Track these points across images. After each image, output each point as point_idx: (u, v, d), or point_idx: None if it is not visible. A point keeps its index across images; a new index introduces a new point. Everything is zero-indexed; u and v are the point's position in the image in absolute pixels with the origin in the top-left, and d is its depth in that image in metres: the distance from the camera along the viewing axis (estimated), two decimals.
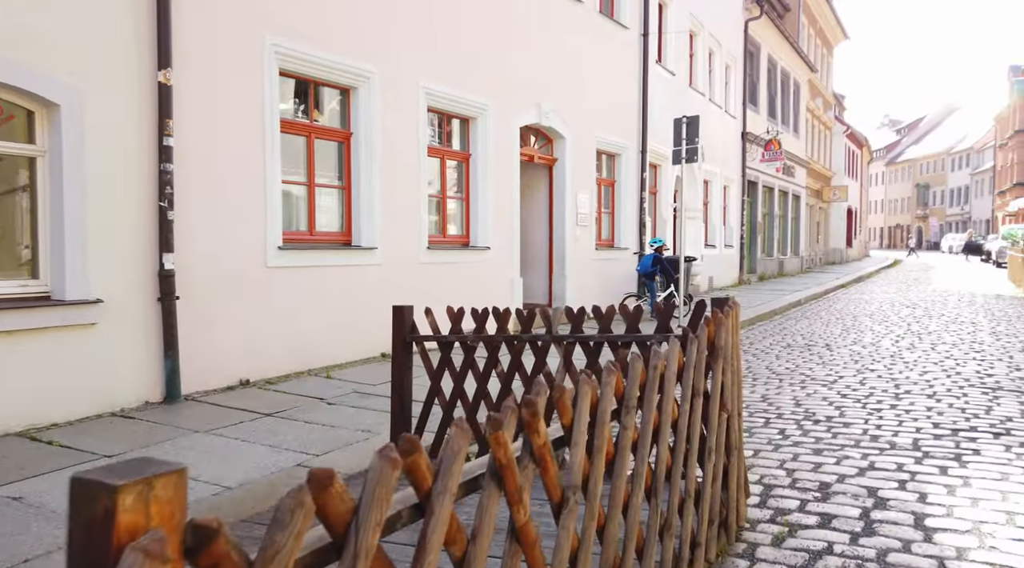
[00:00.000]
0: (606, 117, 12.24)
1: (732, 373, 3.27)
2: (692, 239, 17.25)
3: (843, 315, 13.08)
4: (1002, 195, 55.65)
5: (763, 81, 22.89)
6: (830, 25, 33.76)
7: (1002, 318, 11.99)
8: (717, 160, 18.61)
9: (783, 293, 17.39)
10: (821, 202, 35.56)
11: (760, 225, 23.26)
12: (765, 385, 6.79)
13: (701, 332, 2.89)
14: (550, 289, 11.36)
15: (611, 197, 13.09)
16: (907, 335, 10.08)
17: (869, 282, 23.40)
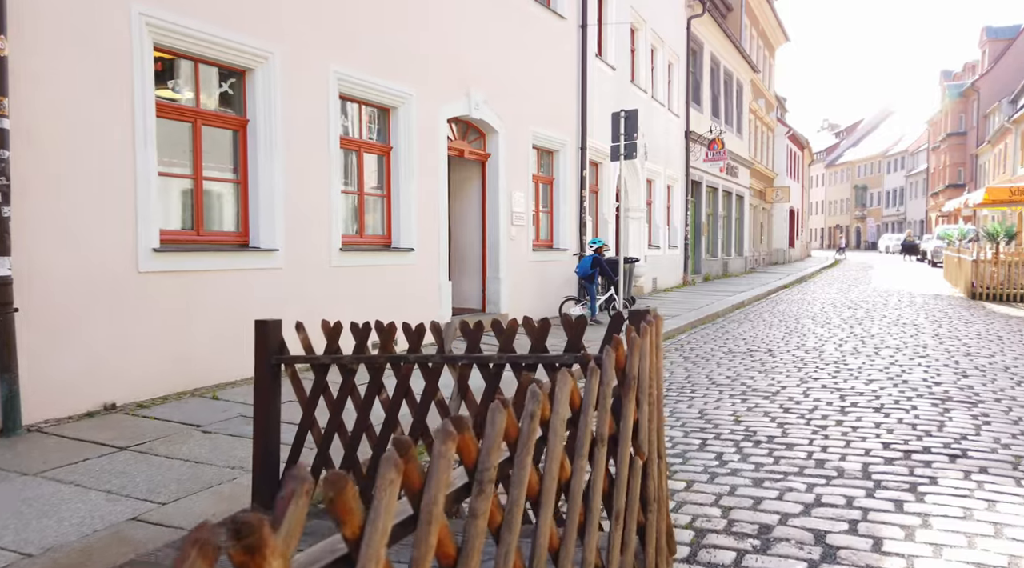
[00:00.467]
0: (543, 111, 11.64)
1: (651, 405, 2.64)
2: (635, 240, 16.84)
3: (786, 317, 12.79)
4: (935, 196, 57.55)
5: (706, 80, 22.72)
6: (771, 27, 34.06)
7: (942, 319, 11.85)
8: (660, 159, 18.26)
9: (727, 294, 17.13)
10: (764, 203, 35.87)
11: (704, 225, 23.09)
12: (704, 398, 6.25)
13: (606, 359, 2.24)
14: (483, 293, 10.69)
15: (549, 196, 12.50)
16: (850, 338, 9.75)
17: (811, 282, 23.48)
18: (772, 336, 10.26)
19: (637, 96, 16.33)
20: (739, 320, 12.65)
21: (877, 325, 11.18)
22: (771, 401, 6.02)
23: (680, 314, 12.95)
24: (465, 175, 10.75)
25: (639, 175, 16.64)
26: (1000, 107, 43.70)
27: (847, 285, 21.22)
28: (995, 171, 42.73)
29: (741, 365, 7.90)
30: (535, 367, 3.25)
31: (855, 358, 8.11)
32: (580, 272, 11.34)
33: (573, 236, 12.83)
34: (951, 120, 54.04)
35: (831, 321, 11.93)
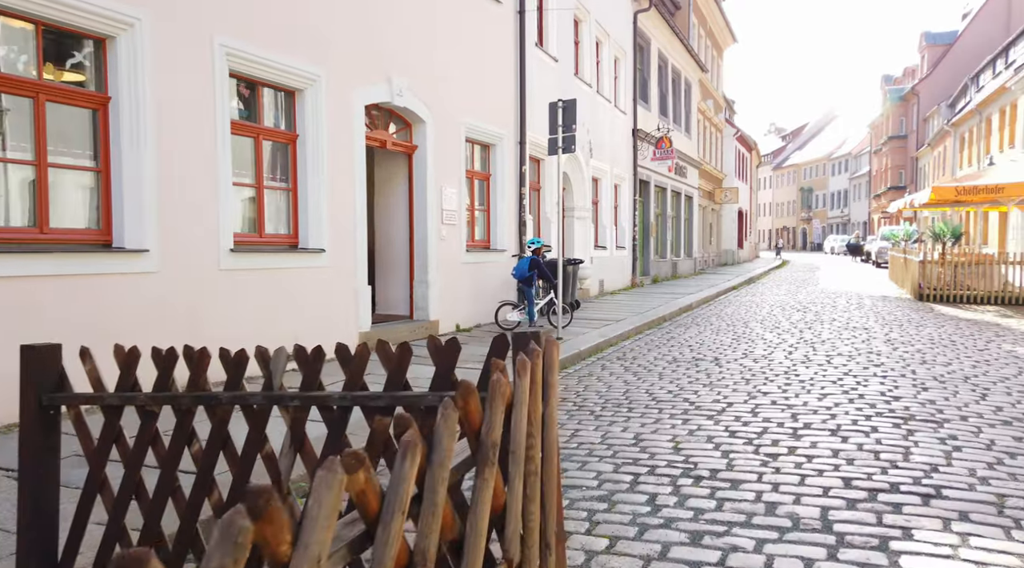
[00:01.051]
0: (477, 102, 10.80)
1: (531, 477, 1.81)
2: (581, 240, 16.15)
3: (734, 321, 12.23)
4: (877, 198, 58.83)
5: (654, 78, 22.24)
6: (719, 27, 33.97)
7: (893, 322, 11.44)
8: (607, 157, 17.62)
9: (675, 297, 16.58)
10: (713, 204, 35.79)
11: (653, 226, 22.60)
12: (642, 418, 5.49)
13: (441, 425, 1.41)
14: (411, 299, 9.78)
15: (486, 192, 11.67)
16: (800, 344, 9.18)
17: (760, 283, 23.23)
18: (719, 342, 9.63)
19: (581, 90, 15.64)
20: (686, 324, 12.04)
21: (827, 329, 10.68)
22: (716, 422, 5.29)
23: (625, 318, 12.27)
24: (390, 169, 9.84)
25: (584, 173, 15.96)
26: (939, 111, 44.73)
27: (795, 286, 20.98)
28: (935, 173, 43.69)
29: (685, 377, 7.19)
30: (391, 409, 2.39)
31: (806, 367, 7.49)
32: (517, 275, 10.53)
33: (512, 236, 12.02)
34: (892, 123, 55.29)
35: (780, 325, 11.40)
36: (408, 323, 9.46)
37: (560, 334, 9.69)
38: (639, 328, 11.34)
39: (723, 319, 12.60)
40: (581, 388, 6.86)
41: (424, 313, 9.69)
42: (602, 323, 11.49)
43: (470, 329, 10.55)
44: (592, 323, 11.45)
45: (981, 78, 36.66)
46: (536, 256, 10.57)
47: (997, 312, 13.10)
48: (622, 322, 11.71)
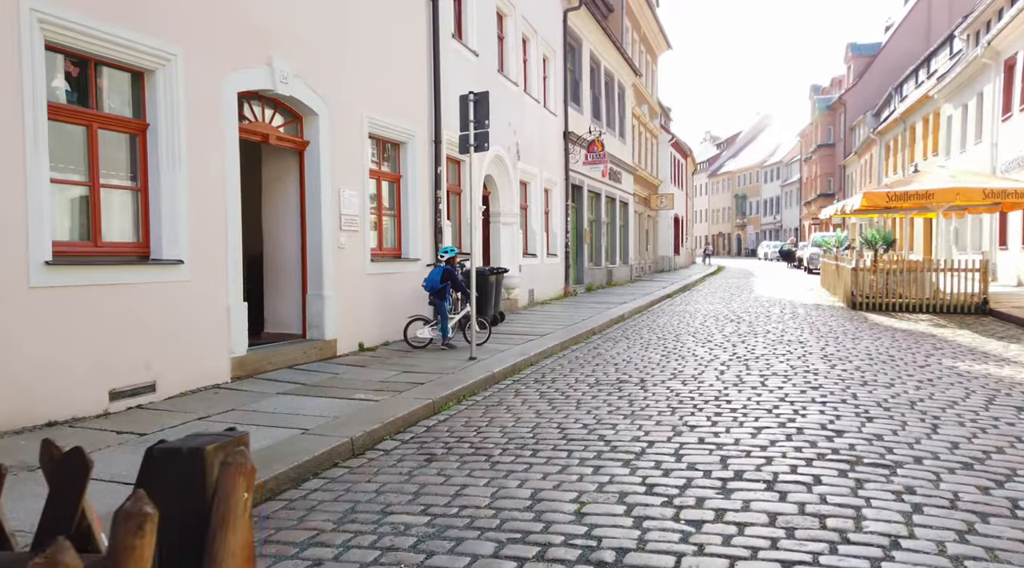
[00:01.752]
0: (383, 94, 9.73)
1: None
2: (508, 248, 15.22)
3: (665, 333, 11.49)
4: (808, 205, 60.21)
5: (586, 79, 21.58)
6: (653, 32, 33.78)
7: (828, 335, 10.88)
8: (536, 159, 16.77)
9: (608, 307, 15.83)
10: (649, 210, 35.54)
11: (587, 232, 21.91)
12: (546, 466, 4.54)
13: None
14: (304, 314, 8.62)
15: (396, 196, 10.59)
16: (733, 362, 8.44)
17: (695, 291, 22.82)
18: (648, 360, 8.81)
19: (507, 88, 14.75)
20: (616, 338, 11.23)
21: (761, 343, 10.01)
22: (632, 470, 4.38)
23: (551, 332, 11.38)
24: (279, 167, 8.66)
25: (511, 176, 15.05)
26: (865, 120, 45.92)
27: (729, 294, 20.58)
28: (862, 180, 44.77)
29: (605, 405, 6.29)
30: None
31: (739, 391, 6.70)
32: (428, 287, 9.49)
33: (427, 244, 10.97)
34: (821, 132, 56.68)
35: (713, 338, 10.70)
36: (299, 344, 8.30)
37: (475, 352, 8.69)
38: (565, 343, 10.45)
39: (654, 331, 11.85)
40: (485, 422, 5.87)
41: (319, 331, 8.53)
42: (525, 338, 10.56)
43: (375, 348, 9.45)
44: (514, 338, 10.50)
45: (904, 88, 37.64)
46: (450, 266, 9.56)
47: (930, 321, 12.78)
48: (547, 337, 10.81)
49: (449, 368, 8.02)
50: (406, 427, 5.77)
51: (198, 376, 6.64)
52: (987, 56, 21.65)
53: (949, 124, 27.25)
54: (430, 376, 7.52)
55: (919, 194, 14.03)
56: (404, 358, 8.75)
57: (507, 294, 14.96)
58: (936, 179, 14.53)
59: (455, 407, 6.51)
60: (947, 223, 25.97)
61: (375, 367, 8.11)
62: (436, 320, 9.58)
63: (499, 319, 12.46)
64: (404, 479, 4.41)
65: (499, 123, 14.25)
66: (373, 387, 6.96)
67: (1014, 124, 20.27)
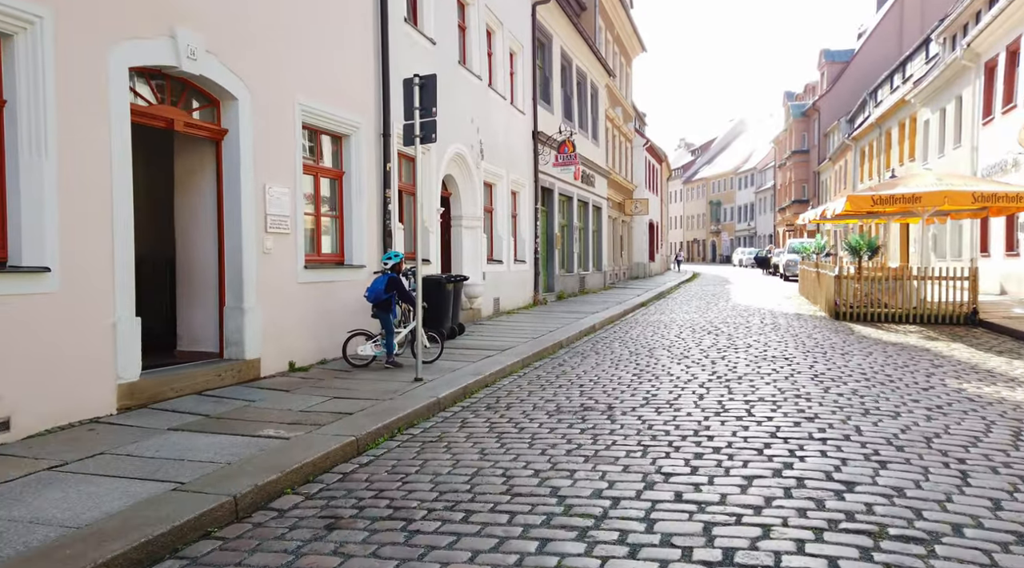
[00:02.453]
0: (321, 79, 8.62)
1: None
2: (471, 254, 14.15)
3: (638, 347, 10.49)
4: (782, 211, 60.02)
5: (556, 78, 20.62)
6: (627, 34, 33.03)
7: (814, 349, 9.96)
8: (501, 160, 15.74)
9: (578, 316, 14.82)
10: (624, 215, 34.74)
11: (558, 238, 20.92)
12: (476, 540, 3.47)
13: None
14: (221, 331, 7.45)
15: (338, 195, 9.46)
16: (713, 383, 7.45)
17: (670, 298, 21.94)
18: (618, 380, 7.79)
19: (469, 82, 13.70)
20: (585, 352, 10.20)
21: (743, 359, 9.05)
22: (589, 547, 3.32)
23: (514, 346, 10.32)
24: (192, 160, 7.50)
25: (474, 176, 13.99)
26: (839, 126, 45.71)
27: (705, 302, 19.71)
28: (836, 187, 44.49)
29: (564, 442, 5.24)
30: None
31: (722, 423, 5.69)
32: (371, 297, 8.37)
33: (374, 249, 9.85)
34: (795, 139, 56.52)
35: (689, 353, 9.73)
36: (214, 365, 7.12)
37: (422, 372, 7.59)
38: (527, 359, 9.40)
39: (627, 345, 10.85)
40: (416, 466, 4.78)
41: (238, 349, 7.36)
42: (483, 354, 9.49)
43: (308, 368, 8.29)
44: (470, 354, 9.43)
45: (879, 93, 37.36)
46: (394, 273, 8.45)
47: (920, 333, 11.95)
48: (508, 352, 9.75)
49: (389, 392, 6.92)
50: (317, 475, 4.66)
51: (71, 409, 5.46)
52: (966, 58, 21.13)
53: (926, 128, 26.79)
54: (363, 403, 6.41)
55: (905, 197, 13.24)
56: (340, 380, 7.62)
57: (469, 304, 13.89)
58: (922, 182, 13.77)
59: (385, 444, 5.42)
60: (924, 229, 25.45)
61: (301, 392, 6.97)
62: (381, 335, 8.47)
63: (457, 331, 11.38)
64: (286, 561, 3.31)
65: (461, 119, 13.21)
66: (290, 419, 5.83)
67: (996, 127, 19.72)
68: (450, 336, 11.08)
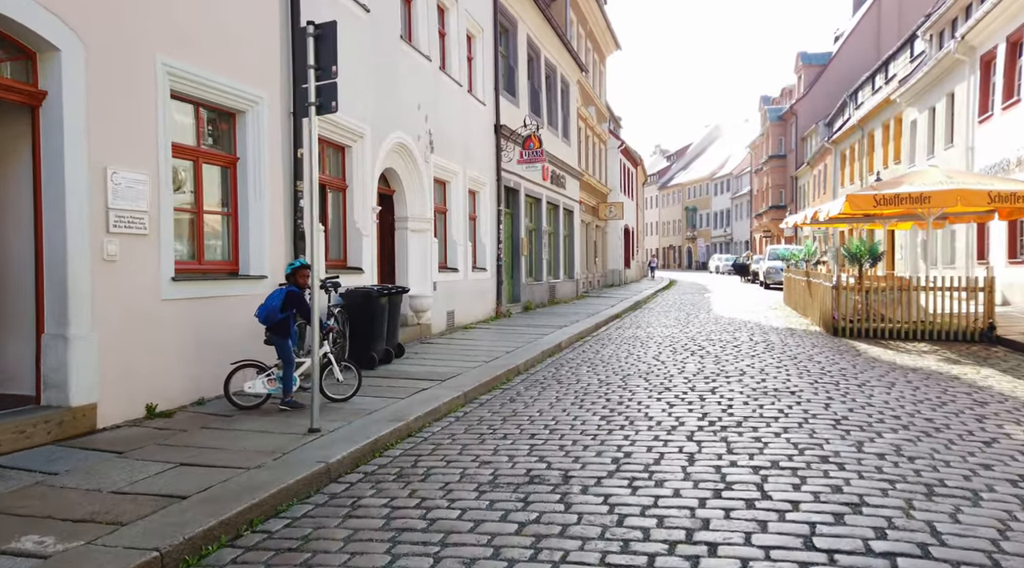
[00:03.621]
0: (200, 38, 6.68)
1: None
2: (419, 260, 12.25)
3: (610, 374, 8.67)
4: (759, 217, 58.93)
5: (523, 68, 18.83)
6: (601, 30, 31.42)
7: (821, 377, 8.21)
8: (457, 154, 13.88)
9: (544, 331, 12.99)
10: (598, 220, 33.06)
11: (525, 243, 19.08)
12: None
13: None
14: (38, 368, 5.45)
15: (230, 186, 7.51)
16: (706, 434, 5.64)
17: (646, 309, 20.21)
18: (581, 427, 5.94)
19: (415, 61, 11.82)
20: (545, 381, 8.37)
21: (739, 395, 7.25)
22: None
23: (460, 372, 8.46)
24: (2, 133, 5.53)
25: (421, 171, 12.10)
26: (817, 130, 44.62)
27: (685, 314, 17.99)
28: (815, 192, 43.33)
29: (488, 551, 3.37)
30: None
31: (726, 516, 3.85)
32: (263, 317, 6.43)
33: (280, 256, 7.90)
34: (771, 143, 55.48)
35: (671, 383, 7.92)
36: (21, 416, 5.13)
37: (320, 419, 5.68)
38: (472, 392, 7.53)
39: (597, 370, 9.02)
40: None
41: (61, 394, 5.37)
42: (418, 385, 7.61)
43: (174, 412, 6.31)
44: (401, 387, 7.54)
45: (860, 94, 36.21)
46: (295, 287, 6.52)
47: (935, 354, 10.29)
48: (449, 382, 7.87)
49: (264, 453, 5.01)
50: None
51: None
52: (960, 52, 19.76)
53: (913, 129, 25.48)
54: (216, 475, 4.49)
55: (912, 197, 11.62)
56: (210, 430, 5.68)
57: (415, 319, 11.99)
58: (930, 180, 12.17)
59: (215, 556, 3.51)
60: (912, 235, 24.10)
61: (141, 454, 5.01)
62: (277, 366, 6.53)
63: (395, 354, 9.46)
64: None
65: (404, 104, 11.33)
66: (83, 511, 3.89)
67: (994, 125, 18.32)
68: (384, 360, 9.17)
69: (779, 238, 52.46)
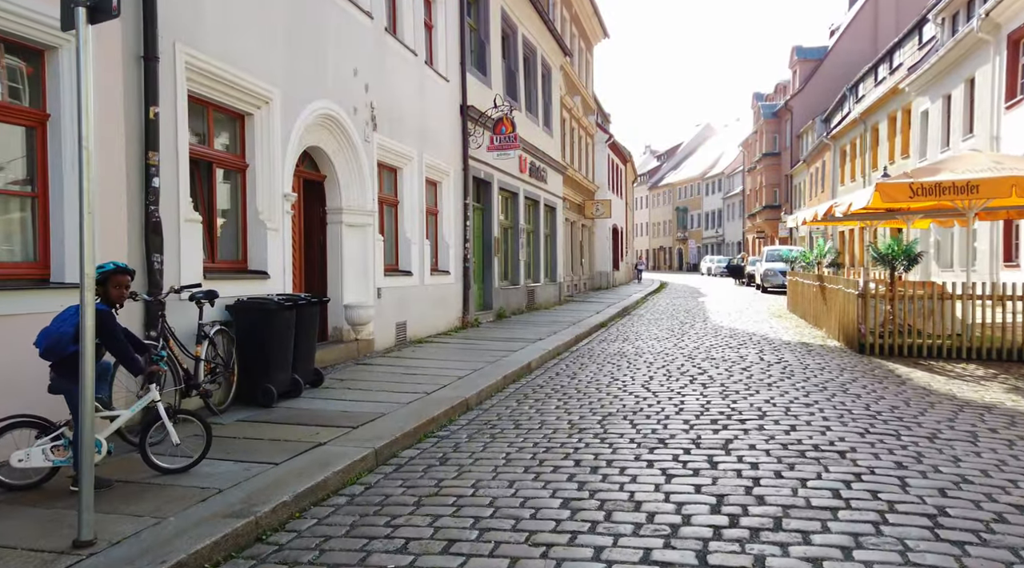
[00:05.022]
0: None
1: None
2: (358, 262, 10.04)
3: (585, 414, 6.49)
4: (752, 218, 57.00)
5: (496, 44, 16.65)
6: (587, 14, 29.29)
7: (873, 423, 6.07)
8: (411, 135, 11.68)
9: (513, 346, 10.83)
10: (584, 218, 30.93)
11: (499, 242, 16.89)
12: None
13: None
14: None
15: (36, 155, 5.26)
16: (725, 547, 3.46)
17: (636, 316, 18.08)
18: (530, 523, 3.75)
19: (348, 15, 9.60)
20: (496, 422, 6.20)
21: (763, 457, 5.08)
22: None
23: (384, 413, 6.29)
24: None
25: (359, 153, 9.88)
26: (814, 126, 42.72)
27: (679, 323, 15.86)
28: (813, 190, 41.41)
29: None
30: None
31: None
32: (44, 349, 4.22)
33: (117, 253, 5.65)
34: (765, 141, 53.56)
35: (667, 433, 5.75)
36: None
37: (93, 527, 3.46)
38: (387, 449, 5.36)
39: (568, 405, 6.83)
40: None
41: None
42: (311, 437, 5.41)
43: None
44: (285, 442, 5.33)
45: (861, 87, 34.28)
46: (103, 305, 4.31)
47: (995, 380, 8.19)
48: (360, 432, 5.69)
49: None
50: None
51: None
52: (984, 31, 17.75)
53: (924, 119, 23.49)
54: None
55: (957, 187, 9.52)
56: None
57: (354, 334, 9.78)
58: (975, 165, 10.09)
59: None
60: (925, 235, 22.12)
61: None
62: (69, 424, 4.30)
63: (303, 385, 7.23)
64: None
65: (333, 66, 9.12)
66: None
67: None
68: (290, 393, 6.95)
69: (773, 239, 50.54)
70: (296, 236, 8.92)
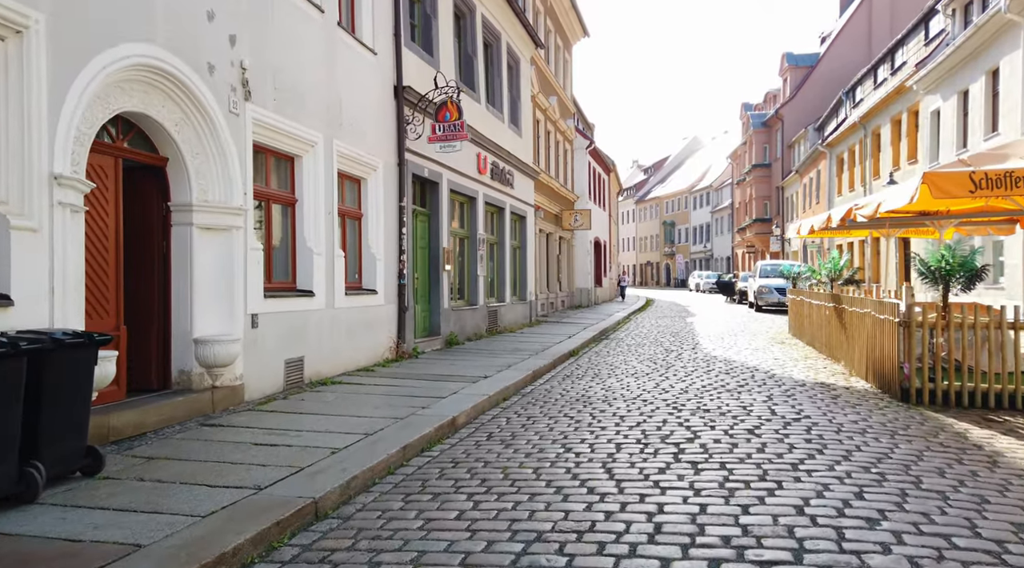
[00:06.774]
0: None
1: None
2: (220, 280, 7.30)
3: (491, 543, 3.77)
4: (742, 232, 54.71)
5: (446, 21, 14.07)
6: (564, 8, 26.89)
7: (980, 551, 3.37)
8: (316, 115, 9.01)
9: (448, 388, 8.10)
10: (562, 230, 28.32)
11: (448, 254, 14.19)
12: None
13: None
14: None
15: None
16: None
17: (614, 341, 15.42)
18: None
19: None
20: (353, 551, 3.44)
21: None
22: None
23: (143, 544, 3.48)
24: None
25: (217, 128, 7.17)
26: (807, 134, 40.53)
27: (663, 351, 13.20)
28: (807, 201, 39.10)
29: None
30: None
31: None
32: None
33: None
34: (755, 152, 51.42)
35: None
36: None
37: None
38: None
39: (482, 509, 4.10)
40: None
41: None
42: None
43: None
44: None
45: (859, 90, 32.05)
46: None
47: None
48: None
49: None
50: None
51: None
52: (1014, 11, 15.39)
53: (935, 120, 21.15)
54: None
55: None
56: None
57: (209, 379, 7.02)
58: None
59: None
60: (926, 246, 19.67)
61: None
62: None
63: (40, 481, 4.45)
64: None
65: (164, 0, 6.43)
66: None
67: None
68: (12, 498, 4.19)
69: (764, 253, 48.21)
70: (109, 243, 6.19)
